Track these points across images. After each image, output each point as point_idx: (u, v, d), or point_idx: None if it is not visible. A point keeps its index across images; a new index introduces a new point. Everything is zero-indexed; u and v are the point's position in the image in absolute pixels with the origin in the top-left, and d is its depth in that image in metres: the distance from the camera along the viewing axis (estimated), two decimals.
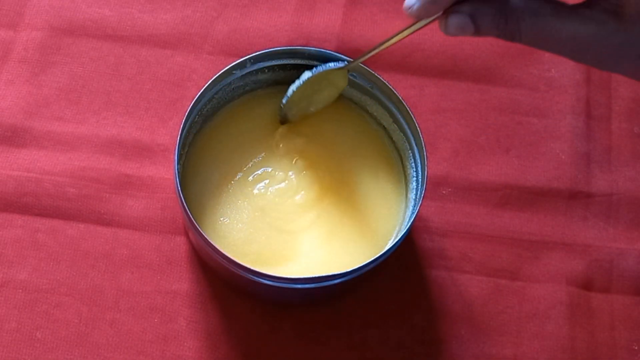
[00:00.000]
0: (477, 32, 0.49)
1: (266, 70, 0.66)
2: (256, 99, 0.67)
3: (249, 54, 0.63)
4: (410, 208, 0.63)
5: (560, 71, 0.75)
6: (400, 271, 0.67)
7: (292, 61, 0.65)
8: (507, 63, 0.75)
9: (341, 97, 0.68)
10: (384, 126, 0.67)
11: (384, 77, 0.63)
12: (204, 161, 0.65)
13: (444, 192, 0.70)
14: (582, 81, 0.75)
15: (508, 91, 0.75)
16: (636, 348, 0.66)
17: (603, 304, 0.67)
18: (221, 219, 0.63)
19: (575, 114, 0.74)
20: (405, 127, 0.64)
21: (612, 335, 0.66)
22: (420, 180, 0.62)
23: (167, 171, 0.69)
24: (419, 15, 0.50)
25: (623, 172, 0.72)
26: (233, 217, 0.63)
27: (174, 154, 0.59)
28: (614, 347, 0.66)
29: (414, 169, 0.64)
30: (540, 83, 0.75)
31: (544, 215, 0.70)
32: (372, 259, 0.57)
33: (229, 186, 0.64)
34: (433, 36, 0.76)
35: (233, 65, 0.63)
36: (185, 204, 0.58)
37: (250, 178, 0.64)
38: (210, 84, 0.62)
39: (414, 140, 0.63)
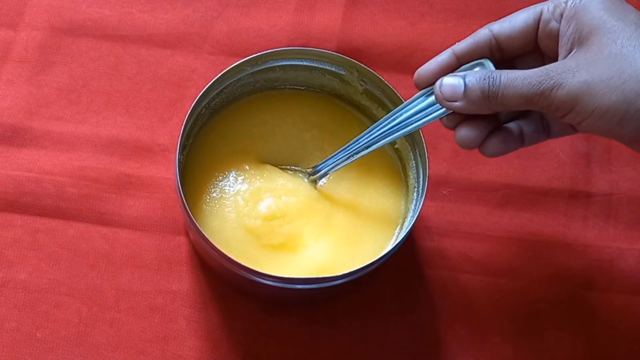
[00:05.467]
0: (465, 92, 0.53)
1: (277, 69, 0.65)
2: (264, 99, 0.67)
3: (254, 53, 0.63)
4: (411, 208, 0.63)
5: None
6: (401, 271, 0.67)
7: (305, 62, 0.65)
8: None
9: (340, 98, 0.68)
10: None
11: (384, 77, 0.63)
12: (205, 160, 0.65)
13: (444, 192, 0.70)
14: None
15: None
16: (636, 348, 0.66)
17: (603, 304, 0.67)
18: (222, 218, 0.63)
19: None
20: None
21: (612, 335, 0.66)
22: (421, 180, 0.62)
23: (167, 171, 0.69)
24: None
25: (623, 172, 0.72)
26: (234, 217, 0.63)
27: (175, 154, 0.59)
28: (614, 347, 0.66)
29: (415, 169, 0.64)
30: None
31: (544, 215, 0.70)
32: (373, 259, 0.57)
33: (230, 185, 0.64)
34: (433, 36, 0.76)
35: (244, 61, 0.63)
36: (185, 203, 0.58)
37: (251, 177, 0.64)
38: (218, 78, 0.62)
39: (415, 140, 0.63)
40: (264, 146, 0.66)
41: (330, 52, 0.64)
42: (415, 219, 0.59)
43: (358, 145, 0.60)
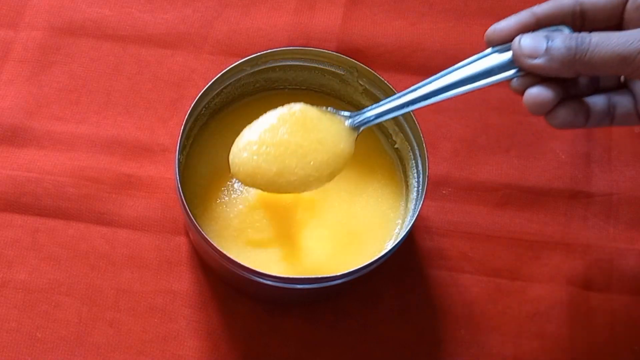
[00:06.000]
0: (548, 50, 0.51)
1: (277, 69, 0.65)
2: (264, 99, 0.67)
3: (254, 53, 0.63)
4: (411, 208, 0.63)
5: None
6: (400, 271, 0.67)
7: (305, 62, 0.65)
8: None
9: (340, 98, 0.68)
10: (384, 126, 0.67)
11: (384, 77, 0.63)
12: (205, 161, 0.65)
13: (444, 192, 0.70)
14: None
15: (508, 91, 0.74)
16: (636, 348, 0.66)
17: (603, 304, 0.67)
18: (222, 218, 0.63)
19: None
20: (406, 127, 0.64)
21: (612, 335, 0.66)
22: (421, 180, 0.62)
23: (167, 171, 0.69)
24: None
25: (623, 172, 0.72)
26: (234, 217, 0.63)
27: (175, 154, 0.59)
28: (614, 347, 0.66)
29: (415, 169, 0.64)
30: None
31: (544, 215, 0.70)
32: (373, 259, 0.57)
33: (230, 186, 0.64)
34: (433, 36, 0.76)
35: (244, 61, 0.63)
36: (185, 203, 0.58)
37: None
38: (218, 78, 0.62)
39: (415, 140, 0.63)
40: None
41: (330, 52, 0.64)
42: (415, 218, 0.59)
43: (415, 96, 0.55)
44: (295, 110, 0.57)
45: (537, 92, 0.52)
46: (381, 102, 0.57)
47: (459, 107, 0.74)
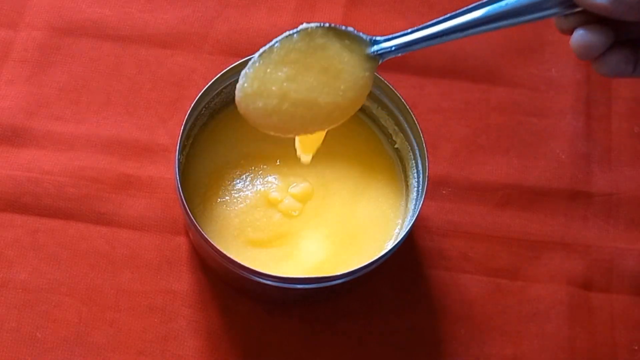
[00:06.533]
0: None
1: None
2: None
3: (254, 53, 0.63)
4: (411, 208, 0.63)
5: (560, 71, 0.75)
6: (400, 271, 0.67)
7: None
8: (507, 63, 0.75)
9: None
10: (384, 126, 0.67)
11: (384, 77, 0.63)
12: (205, 160, 0.65)
13: (444, 192, 0.70)
14: (582, 81, 0.75)
15: (508, 91, 0.75)
16: (636, 348, 0.66)
17: (603, 304, 0.67)
18: (222, 218, 0.63)
19: (575, 114, 0.74)
20: (406, 127, 0.64)
21: (612, 335, 0.66)
22: (421, 180, 0.62)
23: (167, 171, 0.69)
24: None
25: (623, 172, 0.72)
26: (234, 217, 0.63)
27: (175, 154, 0.59)
28: (614, 347, 0.66)
29: (415, 169, 0.64)
30: (540, 83, 0.75)
31: (544, 215, 0.70)
32: (373, 259, 0.57)
33: (231, 185, 0.64)
34: None
35: (244, 61, 0.62)
36: (185, 203, 0.58)
37: (252, 178, 0.64)
38: (218, 78, 0.62)
39: (415, 140, 0.63)
40: (263, 146, 0.66)
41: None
42: (415, 218, 0.59)
43: (451, 25, 0.50)
44: (316, 47, 0.51)
45: (588, 35, 0.46)
46: (409, 30, 0.51)
47: (459, 107, 0.74)
